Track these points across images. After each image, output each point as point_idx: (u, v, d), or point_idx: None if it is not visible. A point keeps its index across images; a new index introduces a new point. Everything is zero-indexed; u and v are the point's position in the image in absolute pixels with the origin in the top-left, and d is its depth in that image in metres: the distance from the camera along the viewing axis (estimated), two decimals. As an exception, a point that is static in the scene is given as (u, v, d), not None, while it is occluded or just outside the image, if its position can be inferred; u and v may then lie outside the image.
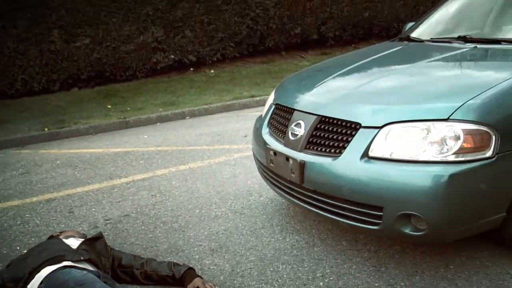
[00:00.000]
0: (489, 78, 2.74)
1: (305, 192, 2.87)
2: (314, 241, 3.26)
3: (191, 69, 10.70)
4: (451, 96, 2.61)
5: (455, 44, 3.54)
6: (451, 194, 2.39)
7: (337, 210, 2.72)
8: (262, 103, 6.97)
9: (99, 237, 2.97)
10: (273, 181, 3.23)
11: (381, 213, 2.51)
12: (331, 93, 3.06)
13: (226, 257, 3.16)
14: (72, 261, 2.64)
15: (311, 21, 11.62)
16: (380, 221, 2.54)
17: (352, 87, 3.05)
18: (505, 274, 2.75)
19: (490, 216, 2.59)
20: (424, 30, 4.16)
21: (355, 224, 2.67)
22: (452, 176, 2.36)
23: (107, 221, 3.84)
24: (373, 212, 2.55)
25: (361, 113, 2.67)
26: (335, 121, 2.75)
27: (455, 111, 2.44)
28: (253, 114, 4.02)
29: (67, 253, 2.70)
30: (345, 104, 2.83)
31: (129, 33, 9.76)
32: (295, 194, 2.98)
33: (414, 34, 4.15)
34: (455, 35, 3.70)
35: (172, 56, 10.29)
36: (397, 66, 3.35)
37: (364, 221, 2.62)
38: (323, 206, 2.79)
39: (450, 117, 2.43)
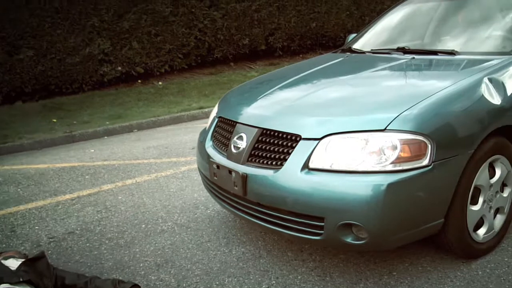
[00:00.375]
0: (425, 89, 2.82)
1: (249, 205, 2.87)
2: (260, 253, 3.27)
3: (139, 81, 10.60)
4: (388, 107, 2.67)
5: (394, 55, 3.63)
6: (390, 202, 2.44)
7: (280, 222, 2.74)
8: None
9: (41, 257, 2.88)
10: (218, 194, 3.22)
11: (323, 224, 2.54)
12: (272, 106, 3.08)
13: (172, 272, 3.13)
14: (11, 284, 2.55)
15: (259, 32, 11.71)
16: (322, 232, 2.57)
17: (293, 99, 3.08)
18: (445, 278, 2.82)
19: (429, 223, 2.65)
20: (365, 42, 4.26)
21: (298, 235, 2.69)
22: (390, 185, 2.41)
23: (50, 239, 3.74)
24: (314, 223, 2.57)
25: (301, 125, 2.70)
26: (276, 134, 2.77)
27: (391, 121, 2.50)
28: (202, 126, 4.00)
29: (5, 275, 2.61)
30: (285, 117, 2.85)
31: (75, 45, 9.60)
32: (239, 207, 2.98)
33: (355, 46, 4.24)
34: (395, 46, 3.81)
35: (119, 68, 10.17)
36: (337, 78, 3.41)
37: (306, 231, 2.64)
38: (267, 218, 2.80)
39: (387, 128, 2.49)
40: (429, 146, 2.50)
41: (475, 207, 2.86)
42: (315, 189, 2.52)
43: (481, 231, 2.97)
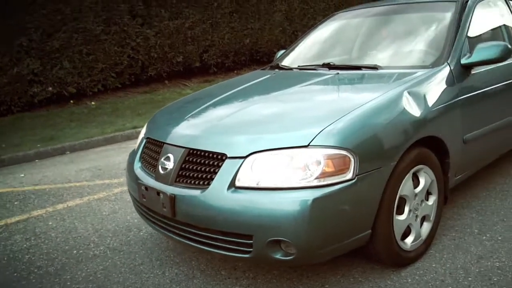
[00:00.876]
0: (347, 103, 2.90)
1: (178, 226, 2.85)
2: (193, 273, 3.24)
3: (71, 101, 10.35)
4: (311, 122, 2.71)
5: (320, 71, 3.71)
6: (316, 217, 2.47)
7: (210, 241, 2.72)
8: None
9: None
10: (148, 216, 3.18)
11: (251, 241, 2.55)
12: (198, 125, 3.08)
13: (103, 298, 3.06)
14: None
15: (192, 49, 11.71)
16: (251, 249, 2.57)
17: (219, 118, 3.09)
18: (376, 287, 2.88)
19: (357, 235, 2.70)
20: (293, 58, 4.33)
21: (228, 253, 2.69)
22: (315, 200, 2.45)
23: (-26, 272, 3.58)
24: (243, 241, 2.58)
25: (226, 144, 2.71)
26: (202, 153, 2.77)
27: (315, 137, 2.55)
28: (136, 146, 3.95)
29: None
30: (211, 136, 2.85)
31: (2, 65, 9.28)
32: (169, 228, 2.95)
33: (283, 62, 4.31)
34: (321, 62, 3.89)
35: (50, 89, 9.90)
36: (264, 95, 3.44)
37: (236, 250, 2.64)
38: (197, 238, 2.78)
39: (311, 144, 2.53)
40: (352, 160, 2.55)
41: (401, 217, 2.94)
42: (242, 207, 2.53)
43: (409, 240, 3.05)
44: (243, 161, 2.60)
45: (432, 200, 3.21)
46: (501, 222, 3.63)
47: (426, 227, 3.21)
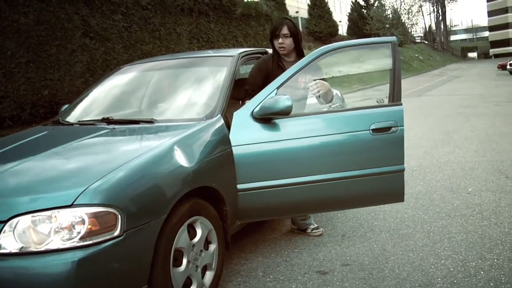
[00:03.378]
0: (117, 159, 2.87)
1: None
2: None
3: None
4: (78, 180, 2.63)
5: (98, 126, 3.67)
6: (83, 278, 2.39)
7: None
8: None
9: None
10: None
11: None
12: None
13: None
14: None
15: (-17, 101, 10.88)
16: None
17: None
18: None
19: (133, 291, 2.66)
20: (75, 113, 4.23)
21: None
22: (81, 261, 2.37)
23: None
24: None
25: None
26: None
27: (79, 196, 2.47)
28: None
29: None
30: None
31: None
32: None
33: (65, 117, 4.18)
34: (100, 117, 3.85)
35: None
36: (34, 154, 3.22)
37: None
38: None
39: (75, 203, 2.46)
40: (119, 216, 2.52)
41: (180, 269, 2.95)
42: (4, 279, 2.36)
43: (191, 290, 3.05)
44: (3, 226, 2.43)
45: (212, 248, 3.28)
46: (284, 262, 3.85)
47: (209, 275, 3.25)
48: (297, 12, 50.92)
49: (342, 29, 54.21)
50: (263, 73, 4.03)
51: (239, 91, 4.20)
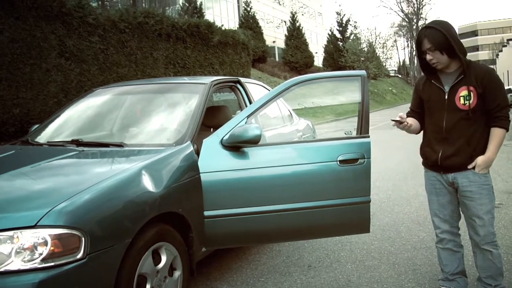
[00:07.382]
0: (84, 182, 2.86)
1: None
2: None
3: None
4: (42, 202, 2.62)
5: (68, 147, 3.66)
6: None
7: None
8: None
9: None
10: None
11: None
12: None
13: None
14: None
15: (-50, 119, 10.69)
16: None
17: None
18: None
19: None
20: (46, 133, 4.22)
21: None
22: (41, 283, 2.35)
23: None
24: None
25: None
26: None
27: (42, 217, 2.46)
28: None
29: None
30: None
31: None
32: None
33: (34, 137, 4.16)
34: (70, 138, 3.84)
35: None
36: (0, 173, 3.23)
37: None
38: None
39: (38, 223, 2.45)
40: (83, 238, 2.51)
41: (142, 294, 2.93)
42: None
43: (155, 316, 3.03)
44: None
45: (177, 274, 3.26)
46: (248, 291, 3.85)
47: (173, 302, 3.22)
48: (274, 42, 51.58)
49: (318, 60, 54.88)
50: (417, 95, 3.58)
51: (211, 118, 4.23)
